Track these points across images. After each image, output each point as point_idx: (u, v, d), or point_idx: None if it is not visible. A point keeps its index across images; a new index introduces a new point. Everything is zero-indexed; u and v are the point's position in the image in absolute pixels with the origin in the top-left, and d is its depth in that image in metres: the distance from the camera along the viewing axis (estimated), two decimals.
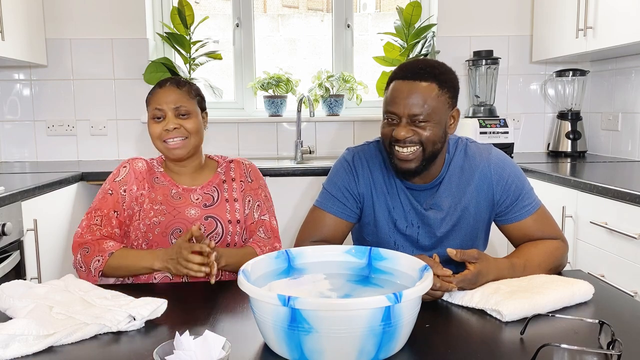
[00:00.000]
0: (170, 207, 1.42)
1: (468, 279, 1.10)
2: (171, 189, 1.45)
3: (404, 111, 1.24)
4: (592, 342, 0.90)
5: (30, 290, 1.06)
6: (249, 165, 1.55)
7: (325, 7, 3.45)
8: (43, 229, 2.06)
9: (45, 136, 3.00)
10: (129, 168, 1.47)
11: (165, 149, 1.43)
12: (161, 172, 1.49)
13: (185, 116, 1.42)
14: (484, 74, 2.90)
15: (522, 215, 1.34)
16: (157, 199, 1.43)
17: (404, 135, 1.24)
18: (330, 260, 1.08)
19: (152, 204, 1.42)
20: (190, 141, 1.42)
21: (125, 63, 2.97)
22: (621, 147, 2.75)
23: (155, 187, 1.45)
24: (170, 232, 1.39)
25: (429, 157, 1.27)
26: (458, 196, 1.35)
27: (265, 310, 0.84)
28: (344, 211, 1.39)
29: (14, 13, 2.53)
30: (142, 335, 0.96)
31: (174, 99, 1.41)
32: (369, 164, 1.40)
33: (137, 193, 1.44)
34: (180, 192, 1.45)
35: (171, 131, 1.40)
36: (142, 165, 1.48)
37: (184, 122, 1.41)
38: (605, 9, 2.32)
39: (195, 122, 1.43)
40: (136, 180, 1.45)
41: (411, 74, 1.25)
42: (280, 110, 3.08)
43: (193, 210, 1.42)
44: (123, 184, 1.44)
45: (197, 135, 1.44)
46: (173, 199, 1.44)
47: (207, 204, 1.45)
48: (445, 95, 1.26)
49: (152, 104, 1.43)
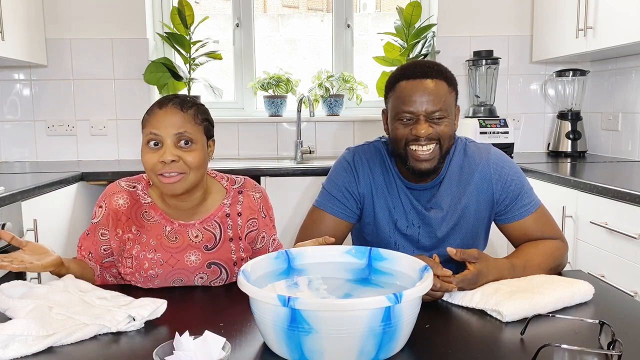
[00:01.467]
0: (167, 255, 1.22)
1: (468, 279, 1.10)
2: (165, 225, 1.24)
3: (421, 109, 1.24)
4: (593, 342, 0.89)
5: (30, 290, 1.06)
6: (260, 199, 1.33)
7: (325, 7, 3.45)
8: (43, 229, 2.06)
9: (45, 136, 3.00)
10: (105, 208, 1.25)
11: (159, 184, 1.18)
12: (149, 203, 1.26)
13: (188, 146, 1.17)
14: (484, 74, 2.90)
15: (522, 215, 1.34)
16: (150, 243, 1.22)
17: (425, 133, 1.23)
18: (330, 260, 1.08)
19: (145, 252, 1.22)
20: (188, 177, 1.17)
21: (125, 63, 2.97)
22: (621, 147, 2.75)
23: (146, 227, 1.23)
24: (171, 282, 1.24)
25: (445, 154, 1.29)
26: (458, 195, 1.35)
27: (265, 311, 0.84)
28: (344, 211, 1.39)
29: (14, 13, 2.53)
30: (141, 335, 0.96)
31: (175, 124, 1.16)
32: (369, 164, 1.40)
33: (124, 237, 1.25)
34: (176, 230, 1.24)
35: (168, 164, 1.15)
36: (123, 203, 1.25)
37: (184, 154, 1.16)
38: (605, 9, 2.32)
39: (198, 155, 1.18)
40: (118, 223, 1.24)
41: (420, 73, 1.26)
42: (280, 110, 3.08)
43: (193, 257, 1.23)
44: (101, 227, 1.26)
45: (198, 170, 1.19)
46: (168, 240, 1.23)
47: (208, 245, 1.25)
48: (453, 92, 1.29)
49: (148, 127, 1.17)
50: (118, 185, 1.29)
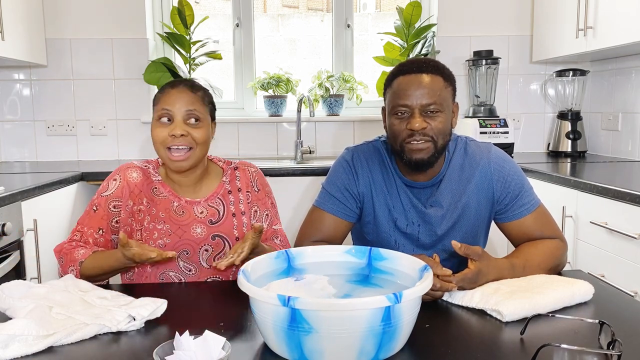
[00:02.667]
0: (175, 226, 1.31)
1: (468, 278, 1.10)
2: (172, 201, 1.33)
3: (416, 102, 1.25)
4: (592, 342, 0.89)
5: (30, 290, 1.06)
6: (255, 173, 1.44)
7: (325, 7, 3.45)
8: (43, 229, 2.06)
9: (45, 136, 3.00)
10: (120, 181, 1.33)
11: (167, 159, 1.28)
12: (159, 180, 1.35)
13: (196, 123, 1.28)
14: (484, 74, 2.90)
15: (522, 213, 1.34)
16: (159, 215, 1.31)
17: (419, 126, 1.24)
18: (330, 260, 1.08)
19: (155, 223, 1.30)
20: (195, 152, 1.29)
21: (125, 63, 2.97)
22: (621, 147, 2.75)
23: (155, 201, 1.32)
24: (177, 255, 1.30)
25: (440, 149, 1.29)
26: (458, 194, 1.35)
27: (265, 310, 0.84)
28: (344, 211, 1.39)
29: (14, 13, 2.53)
30: (141, 335, 0.96)
31: (186, 102, 1.27)
32: (368, 163, 1.40)
33: (134, 208, 1.31)
34: (183, 205, 1.33)
35: (177, 137, 1.25)
36: (137, 176, 1.33)
37: (193, 130, 1.27)
38: (605, 9, 2.32)
39: (205, 132, 1.30)
40: (132, 195, 1.32)
41: (416, 68, 1.28)
42: (280, 110, 3.08)
43: (199, 229, 1.32)
44: (113, 199, 1.31)
45: (204, 146, 1.30)
46: (176, 214, 1.32)
47: (212, 220, 1.33)
48: (449, 87, 1.30)
49: (161, 104, 1.28)
50: (131, 162, 1.38)
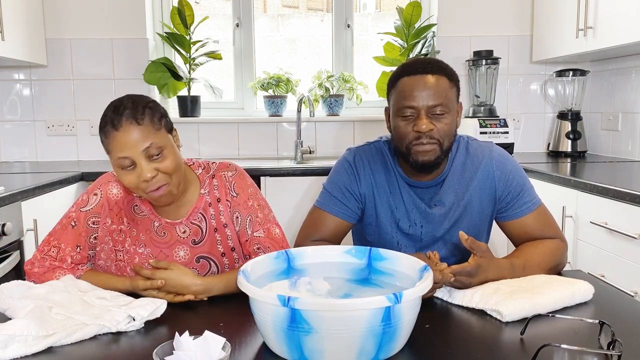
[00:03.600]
0: (156, 250, 1.24)
1: (467, 271, 1.10)
2: (153, 221, 1.25)
3: (423, 103, 1.24)
4: (592, 342, 0.89)
5: (29, 290, 1.06)
6: (232, 177, 1.30)
7: (325, 7, 3.45)
8: (43, 229, 2.05)
9: (45, 136, 3.00)
10: (100, 196, 1.25)
11: (149, 198, 1.19)
12: (140, 197, 1.25)
13: (159, 156, 1.14)
14: (484, 74, 2.90)
15: (523, 212, 1.34)
16: (140, 238, 1.24)
17: (426, 128, 1.23)
18: (330, 260, 1.08)
19: (136, 246, 1.24)
20: (172, 182, 1.17)
21: (125, 63, 2.97)
22: (621, 147, 2.75)
23: (136, 220, 1.25)
24: None
25: (445, 151, 1.29)
26: (461, 193, 1.35)
27: (265, 311, 0.84)
28: (345, 212, 1.39)
29: (14, 13, 2.53)
30: (141, 335, 0.96)
31: (138, 140, 1.11)
32: (370, 164, 1.40)
33: (112, 227, 1.24)
34: (164, 225, 1.25)
35: (149, 181, 1.13)
36: (117, 192, 1.25)
37: (160, 164, 1.14)
38: (605, 9, 2.32)
39: (173, 159, 1.16)
40: (110, 212, 1.24)
41: (421, 69, 1.27)
42: (280, 110, 3.08)
43: (182, 252, 1.25)
44: (92, 215, 1.24)
45: (178, 171, 1.18)
46: (157, 234, 1.24)
47: (195, 239, 1.25)
48: (454, 87, 1.29)
49: (113, 152, 1.13)
50: (112, 174, 1.28)
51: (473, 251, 1.14)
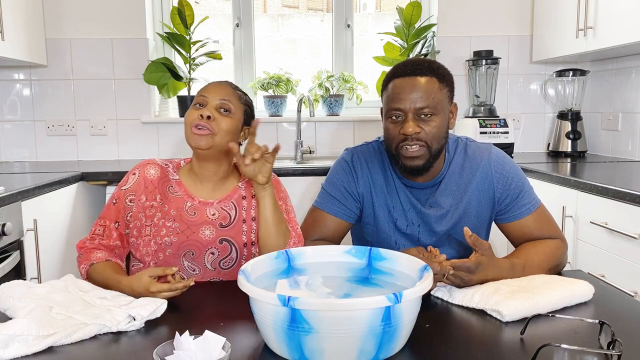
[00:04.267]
0: (184, 225, 1.31)
1: (466, 266, 1.11)
2: (186, 201, 1.33)
3: (410, 106, 1.25)
4: (592, 342, 0.89)
5: (30, 290, 1.06)
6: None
7: (325, 7, 3.45)
8: (43, 229, 2.06)
9: (45, 136, 3.00)
10: (138, 176, 1.35)
11: (189, 135, 1.30)
12: (176, 180, 1.36)
13: (226, 113, 1.30)
14: (484, 74, 2.90)
15: (522, 214, 1.34)
16: (170, 213, 1.31)
17: (412, 131, 1.24)
18: (330, 260, 1.08)
19: (165, 220, 1.31)
20: (215, 139, 1.28)
21: (125, 63, 2.97)
22: (621, 147, 2.75)
23: (169, 199, 1.33)
24: (182, 254, 1.31)
25: (435, 154, 1.28)
26: (459, 195, 1.35)
27: (265, 311, 0.84)
28: (344, 211, 1.39)
29: (14, 13, 2.53)
30: (142, 335, 0.96)
31: (221, 93, 1.32)
32: (367, 164, 1.40)
33: (146, 204, 1.32)
34: (196, 206, 1.33)
35: (204, 118, 1.27)
36: (154, 173, 1.35)
37: (220, 117, 1.29)
38: (605, 9, 2.32)
39: (231, 124, 1.30)
40: (145, 190, 1.33)
41: (410, 71, 1.27)
42: (280, 110, 3.08)
43: (208, 231, 1.31)
44: (130, 193, 1.33)
45: (226, 135, 1.29)
46: (187, 214, 1.32)
47: (223, 223, 1.33)
48: (445, 89, 1.28)
49: (199, 92, 1.34)
50: (153, 159, 1.41)
51: (475, 248, 1.14)
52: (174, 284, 1.10)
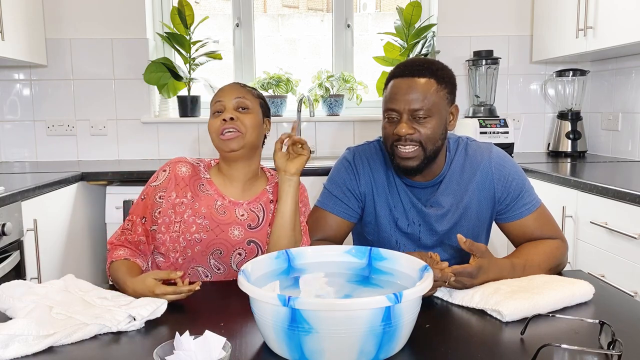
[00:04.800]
0: (214, 224, 1.31)
1: (467, 272, 1.10)
2: (216, 200, 1.34)
3: (404, 107, 1.25)
4: (593, 342, 0.89)
5: (30, 290, 1.06)
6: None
7: (325, 7, 3.45)
8: (43, 229, 2.06)
9: (45, 136, 3.00)
10: (169, 172, 1.36)
11: (219, 142, 1.32)
12: (207, 178, 1.37)
13: (245, 110, 1.33)
14: (484, 74, 2.90)
15: (523, 214, 1.34)
16: (201, 211, 1.32)
17: (405, 132, 1.24)
18: (330, 260, 1.08)
19: (195, 217, 1.32)
20: (245, 137, 1.31)
21: (125, 63, 2.97)
22: (621, 147, 2.75)
23: (200, 196, 1.34)
24: (210, 252, 1.31)
25: (430, 155, 1.28)
26: (459, 195, 1.35)
27: (265, 311, 0.84)
28: (346, 211, 1.39)
29: (14, 13, 2.53)
30: (142, 335, 0.96)
31: (235, 92, 1.35)
32: (369, 163, 1.40)
33: (176, 200, 1.33)
34: (226, 205, 1.34)
35: (228, 121, 1.30)
36: (185, 171, 1.36)
37: (242, 115, 1.32)
38: (605, 9, 2.32)
39: (254, 119, 1.33)
40: (177, 187, 1.34)
41: (409, 71, 1.27)
42: (280, 110, 3.08)
43: (237, 231, 1.32)
44: (160, 190, 1.34)
45: (254, 132, 1.33)
46: (217, 212, 1.33)
47: (251, 225, 1.34)
48: (443, 90, 1.27)
49: (215, 98, 1.36)
50: (184, 157, 1.42)
51: (472, 252, 1.14)
52: (180, 287, 1.09)
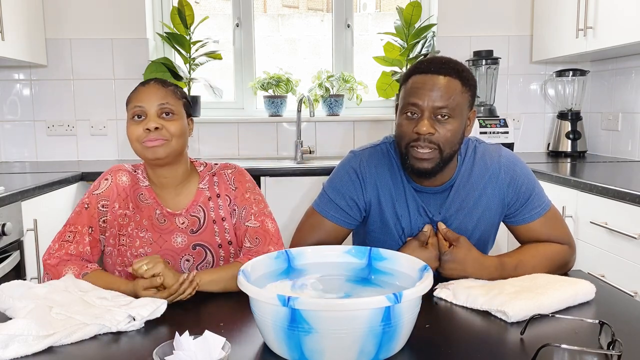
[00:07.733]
0: (156, 235, 1.29)
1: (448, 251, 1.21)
2: (155, 209, 1.31)
3: (428, 103, 1.18)
4: (593, 342, 0.89)
5: (30, 290, 1.06)
6: (232, 173, 1.38)
7: (325, 7, 3.45)
8: (43, 229, 2.06)
9: (45, 136, 3.00)
10: (110, 182, 1.32)
11: (143, 150, 1.25)
12: (146, 186, 1.34)
13: (169, 116, 1.25)
14: (484, 74, 2.90)
15: (531, 218, 1.30)
16: (143, 223, 1.30)
17: (426, 130, 1.18)
18: (330, 260, 1.08)
19: (138, 230, 1.29)
20: (171, 144, 1.25)
21: (125, 63, 2.97)
22: (621, 147, 2.75)
23: (141, 207, 1.31)
24: None
25: (446, 159, 1.23)
26: (469, 199, 1.30)
27: (265, 311, 0.84)
28: (346, 219, 1.34)
29: (14, 13, 2.53)
30: (141, 335, 0.96)
31: (157, 97, 1.25)
32: (376, 169, 1.33)
33: (119, 212, 1.30)
34: (165, 214, 1.31)
35: (152, 132, 1.22)
36: (125, 180, 1.33)
37: (167, 123, 1.24)
38: (605, 9, 2.32)
39: (180, 125, 1.26)
40: (118, 198, 1.31)
41: (435, 68, 1.21)
42: (280, 110, 3.08)
43: (179, 238, 1.30)
44: (102, 198, 1.31)
45: (180, 139, 1.27)
46: (158, 222, 1.30)
47: (193, 229, 1.31)
48: (467, 93, 1.22)
49: (133, 102, 1.26)
50: (122, 165, 1.37)
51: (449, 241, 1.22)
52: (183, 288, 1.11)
